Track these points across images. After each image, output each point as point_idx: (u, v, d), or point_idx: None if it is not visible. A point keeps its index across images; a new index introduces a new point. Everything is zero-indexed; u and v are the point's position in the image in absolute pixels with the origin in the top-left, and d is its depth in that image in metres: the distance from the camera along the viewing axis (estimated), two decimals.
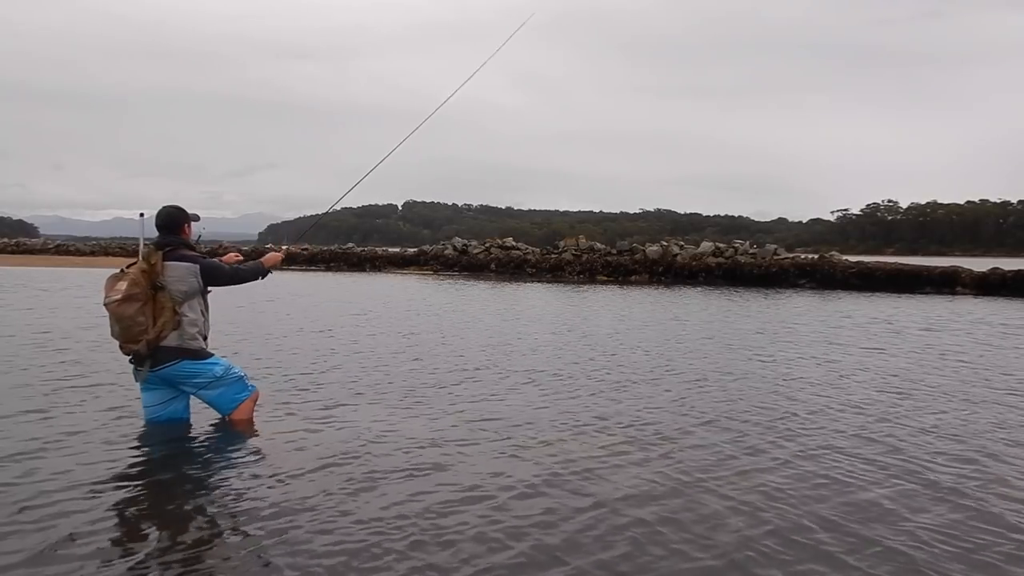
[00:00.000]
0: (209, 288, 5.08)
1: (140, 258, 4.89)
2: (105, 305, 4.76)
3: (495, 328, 12.16)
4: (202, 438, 4.98)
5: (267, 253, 5.52)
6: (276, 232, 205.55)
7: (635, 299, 19.68)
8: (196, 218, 5.19)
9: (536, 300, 19.13)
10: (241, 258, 5.53)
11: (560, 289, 23.86)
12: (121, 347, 4.87)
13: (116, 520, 3.56)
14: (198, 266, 4.91)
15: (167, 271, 4.81)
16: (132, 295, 4.68)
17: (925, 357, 9.86)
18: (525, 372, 7.93)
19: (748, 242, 33.18)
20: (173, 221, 5.04)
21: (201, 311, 5.04)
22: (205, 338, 5.08)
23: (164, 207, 5.08)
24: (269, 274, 5.40)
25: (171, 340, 4.82)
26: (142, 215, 5.40)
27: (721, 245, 31.48)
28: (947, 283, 24.96)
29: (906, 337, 12.15)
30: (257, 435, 5.06)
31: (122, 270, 4.86)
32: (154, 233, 5.06)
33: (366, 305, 16.20)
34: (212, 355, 5.09)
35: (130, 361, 4.96)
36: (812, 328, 13.22)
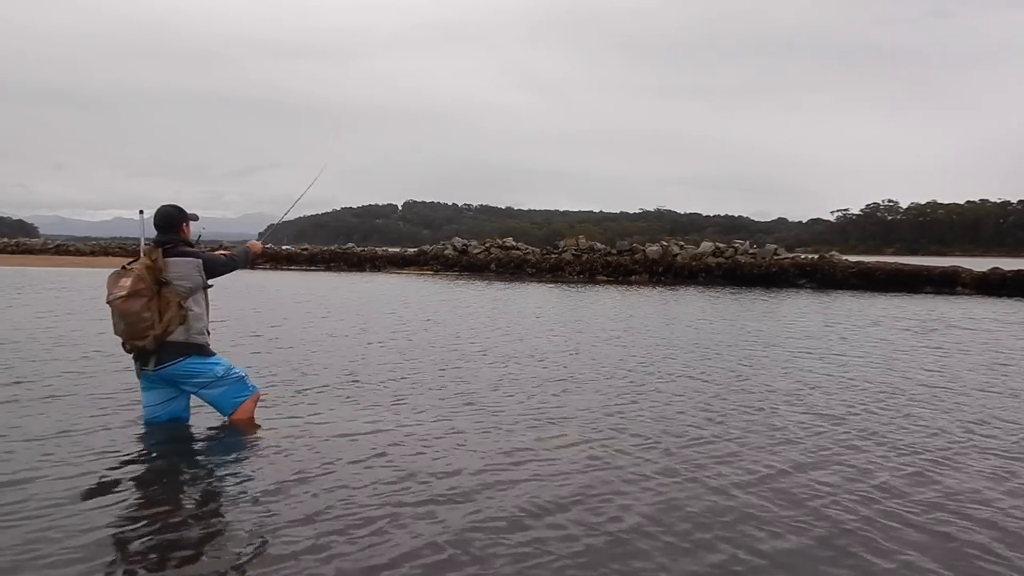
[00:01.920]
0: (210, 283, 5.10)
1: (142, 254, 4.90)
2: (110, 302, 4.75)
3: (541, 331, 11.98)
4: (202, 438, 4.97)
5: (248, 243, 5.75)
6: (276, 232, 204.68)
7: (649, 300, 19.66)
8: (195, 217, 5.21)
9: (555, 301, 19.03)
10: (227, 253, 5.52)
11: (565, 289, 23.85)
12: (124, 344, 4.86)
13: (114, 521, 3.55)
14: (200, 260, 4.97)
15: (170, 267, 4.83)
16: (138, 290, 4.70)
17: (985, 357, 9.80)
18: (602, 381, 7.52)
19: (748, 242, 33.18)
20: (171, 220, 5.05)
21: (204, 306, 5.08)
22: (208, 334, 5.10)
23: (162, 206, 5.09)
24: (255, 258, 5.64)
25: (178, 335, 4.84)
26: (141, 212, 5.43)
27: (721, 245, 31.47)
28: (947, 283, 24.97)
29: (953, 336, 12.24)
30: (260, 436, 5.05)
31: (123, 267, 4.87)
32: (153, 232, 5.07)
33: (385, 307, 15.91)
34: (215, 354, 5.11)
35: (134, 359, 4.96)
36: (846, 327, 13.24)
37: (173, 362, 4.87)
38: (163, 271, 4.81)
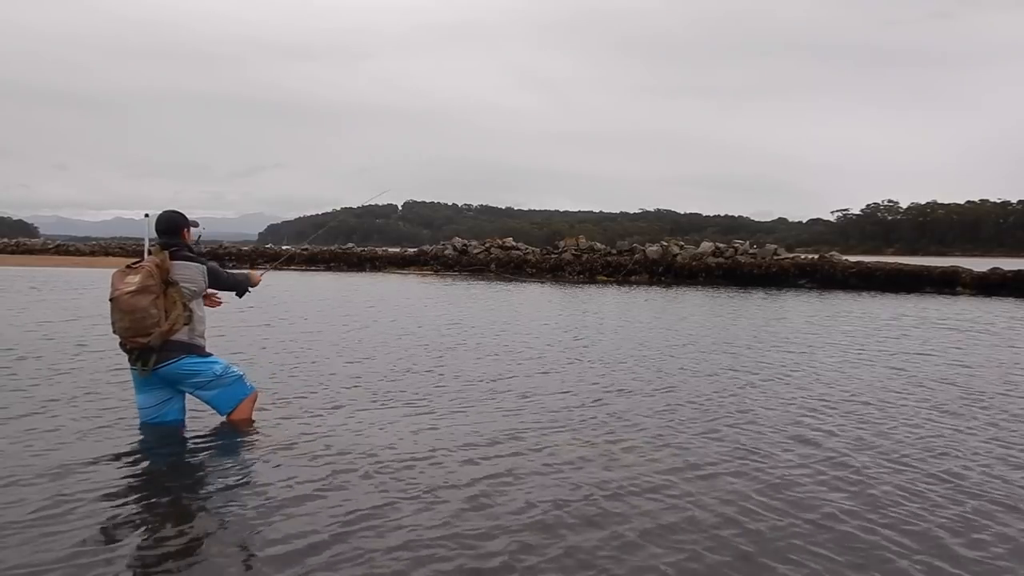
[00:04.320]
0: (209, 292, 5.18)
1: (147, 254, 4.96)
2: (115, 299, 4.72)
3: (594, 331, 11.87)
4: (199, 440, 4.95)
5: (255, 271, 5.78)
6: (276, 232, 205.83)
7: (663, 300, 19.64)
8: (195, 224, 5.26)
9: (580, 303, 19.04)
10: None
11: (575, 289, 23.83)
12: (124, 343, 4.83)
13: (110, 524, 3.53)
14: (205, 267, 5.05)
15: (176, 269, 4.89)
16: (147, 287, 4.71)
17: None
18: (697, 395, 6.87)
19: (748, 242, 33.13)
20: (173, 225, 5.11)
21: (203, 311, 5.14)
22: (205, 339, 5.12)
23: (164, 211, 5.16)
24: (247, 292, 5.57)
25: (182, 335, 4.87)
26: (147, 215, 5.45)
27: (721, 245, 31.42)
28: (947, 283, 24.94)
29: (1012, 334, 12.37)
30: (257, 436, 5.03)
31: (129, 265, 4.89)
32: (155, 234, 5.12)
33: (405, 310, 15.08)
34: (212, 355, 5.12)
35: (132, 359, 4.91)
36: (890, 327, 13.23)
37: (173, 360, 4.86)
38: (170, 272, 4.87)
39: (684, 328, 12.72)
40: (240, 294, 5.53)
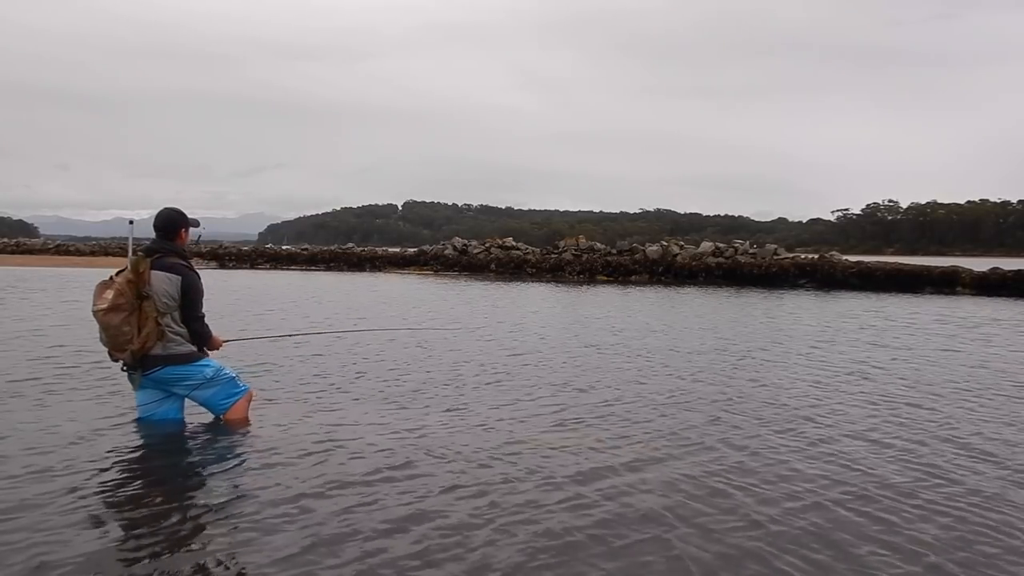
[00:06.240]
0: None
1: (128, 266, 4.85)
2: (93, 313, 4.75)
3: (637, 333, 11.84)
4: (196, 438, 4.93)
5: (218, 337, 5.17)
6: (276, 232, 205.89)
7: (672, 300, 19.62)
8: (195, 223, 5.15)
9: (601, 303, 19.03)
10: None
11: (578, 290, 23.81)
12: (110, 354, 4.88)
13: (105, 523, 3.52)
14: (180, 278, 4.85)
15: (153, 280, 4.77)
16: (117, 305, 4.67)
17: None
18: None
19: (748, 242, 33.13)
20: (171, 224, 5.00)
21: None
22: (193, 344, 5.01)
23: (164, 209, 5.05)
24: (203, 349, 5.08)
25: (156, 349, 4.81)
26: (131, 222, 5.38)
27: (721, 245, 31.41)
28: (947, 283, 24.92)
29: None
30: (255, 435, 5.01)
31: (111, 277, 4.82)
32: (143, 238, 5.02)
33: (415, 312, 14.30)
34: (202, 357, 5.05)
35: (122, 368, 4.96)
36: (923, 327, 13.18)
37: (157, 369, 4.86)
38: (146, 284, 4.75)
39: (716, 328, 12.59)
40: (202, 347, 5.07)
